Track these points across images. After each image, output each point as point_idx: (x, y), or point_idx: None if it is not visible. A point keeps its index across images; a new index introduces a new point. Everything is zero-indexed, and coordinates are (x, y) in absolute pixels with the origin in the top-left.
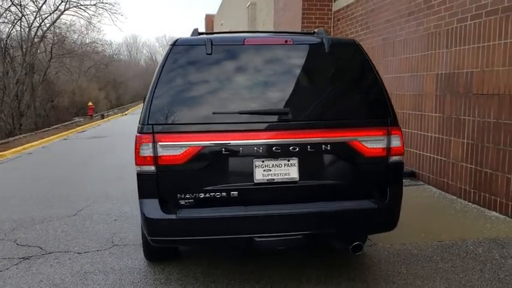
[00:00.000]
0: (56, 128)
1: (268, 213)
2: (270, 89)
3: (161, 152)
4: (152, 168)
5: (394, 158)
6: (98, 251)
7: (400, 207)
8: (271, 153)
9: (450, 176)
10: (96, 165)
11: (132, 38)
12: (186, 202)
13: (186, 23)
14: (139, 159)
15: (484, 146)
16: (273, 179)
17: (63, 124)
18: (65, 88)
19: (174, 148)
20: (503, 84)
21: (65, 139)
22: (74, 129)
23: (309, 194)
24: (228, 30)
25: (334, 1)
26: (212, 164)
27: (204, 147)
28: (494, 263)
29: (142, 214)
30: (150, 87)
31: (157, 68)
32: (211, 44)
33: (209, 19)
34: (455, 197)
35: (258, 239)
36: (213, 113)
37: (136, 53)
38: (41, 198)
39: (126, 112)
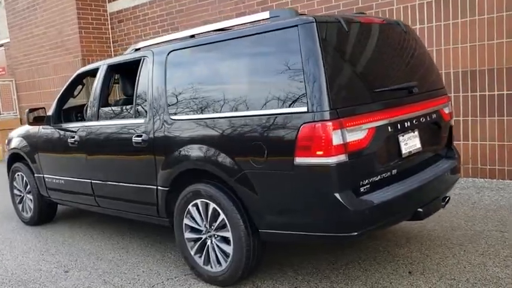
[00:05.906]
0: None
1: (425, 182)
2: (395, 65)
3: (349, 137)
4: (343, 157)
5: (451, 121)
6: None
7: None
8: (409, 126)
9: None
10: None
11: None
12: (364, 188)
13: None
14: (330, 150)
15: None
16: (411, 151)
17: None
18: None
19: (358, 132)
20: None
21: None
22: None
23: (428, 160)
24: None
25: (109, 2)
26: (381, 143)
27: (377, 127)
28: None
29: (341, 209)
30: (313, 68)
31: (306, 47)
32: (346, 21)
33: None
34: None
35: (420, 209)
36: (376, 91)
37: None
38: None
39: None
